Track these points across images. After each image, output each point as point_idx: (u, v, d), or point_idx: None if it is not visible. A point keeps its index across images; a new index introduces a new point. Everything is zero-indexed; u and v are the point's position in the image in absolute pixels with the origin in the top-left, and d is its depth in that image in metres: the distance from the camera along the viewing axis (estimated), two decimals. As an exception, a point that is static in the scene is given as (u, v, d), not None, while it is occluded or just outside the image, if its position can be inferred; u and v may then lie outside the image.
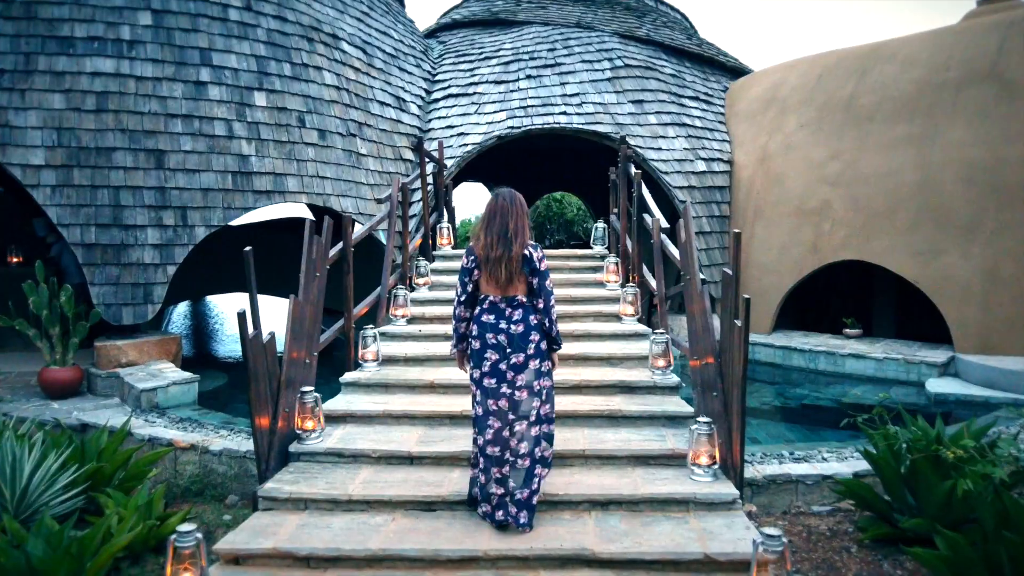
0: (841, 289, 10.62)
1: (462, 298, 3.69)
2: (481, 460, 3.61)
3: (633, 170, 6.66)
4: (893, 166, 8.80)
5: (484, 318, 3.61)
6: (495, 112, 10.23)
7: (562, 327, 5.91)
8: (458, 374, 5.09)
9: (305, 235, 4.65)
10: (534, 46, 11.23)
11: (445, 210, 8.97)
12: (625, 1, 13.07)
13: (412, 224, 9.19)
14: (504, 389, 3.56)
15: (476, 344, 3.63)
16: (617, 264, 6.84)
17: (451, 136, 10.11)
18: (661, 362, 5.03)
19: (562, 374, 5.10)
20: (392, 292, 6.26)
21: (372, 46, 10.42)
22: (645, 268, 6.43)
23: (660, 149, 9.95)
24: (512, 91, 10.50)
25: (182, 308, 17.72)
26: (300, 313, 4.54)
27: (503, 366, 3.56)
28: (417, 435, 4.48)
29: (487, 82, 10.78)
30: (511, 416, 3.55)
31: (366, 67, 10.11)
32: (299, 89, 9.05)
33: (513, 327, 3.56)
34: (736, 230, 3.86)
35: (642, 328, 5.86)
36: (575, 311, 6.29)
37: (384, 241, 8.83)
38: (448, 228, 8.32)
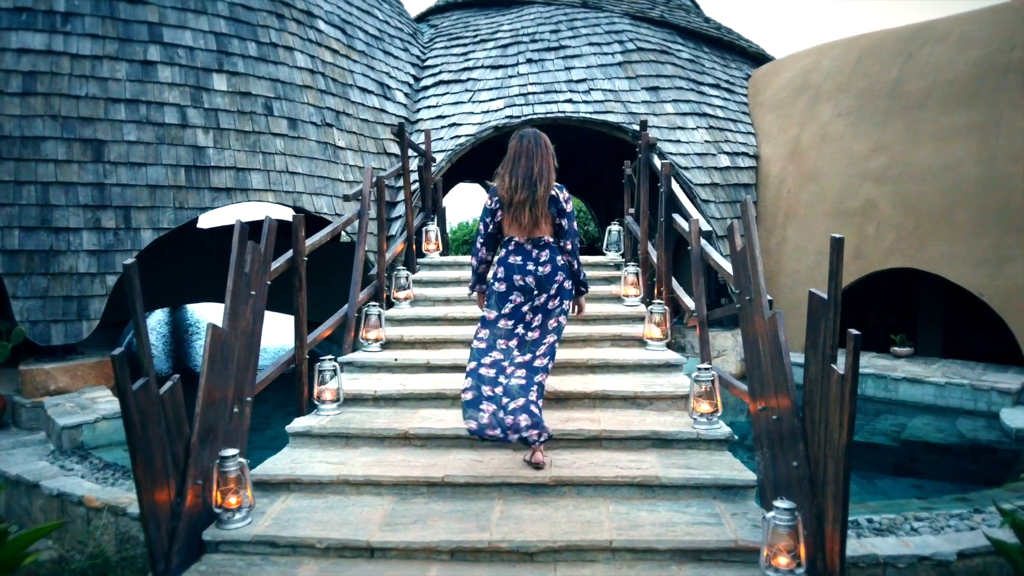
0: (881, 300, 9.44)
1: (483, 239, 3.68)
2: (470, 379, 3.54)
3: (658, 161, 5.50)
4: (950, 160, 7.64)
5: (511, 260, 3.60)
6: (491, 100, 9.05)
7: (573, 354, 4.77)
8: (440, 423, 3.93)
9: (234, 239, 3.47)
10: (535, 27, 10.05)
11: (433, 211, 7.79)
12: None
13: (397, 227, 8.03)
14: (519, 330, 3.60)
15: (501, 287, 3.61)
16: (638, 275, 5.67)
17: (441, 127, 8.93)
18: (706, 406, 3.85)
19: (577, 421, 3.94)
20: (363, 310, 5.07)
21: (353, 26, 9.25)
22: (675, 281, 5.25)
23: (679, 142, 8.78)
24: (511, 77, 9.33)
25: (159, 316, 16.55)
26: (224, 344, 3.35)
27: (525, 308, 3.59)
28: (382, 512, 3.29)
29: (482, 67, 9.60)
30: (515, 353, 3.57)
31: (345, 49, 8.94)
32: (266, 72, 7.88)
33: (541, 268, 3.57)
34: (837, 235, 2.69)
35: (674, 356, 4.68)
36: (588, 333, 5.10)
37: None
38: (436, 231, 7.12)
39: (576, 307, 3.90)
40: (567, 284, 3.64)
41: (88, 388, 6.63)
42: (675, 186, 5.08)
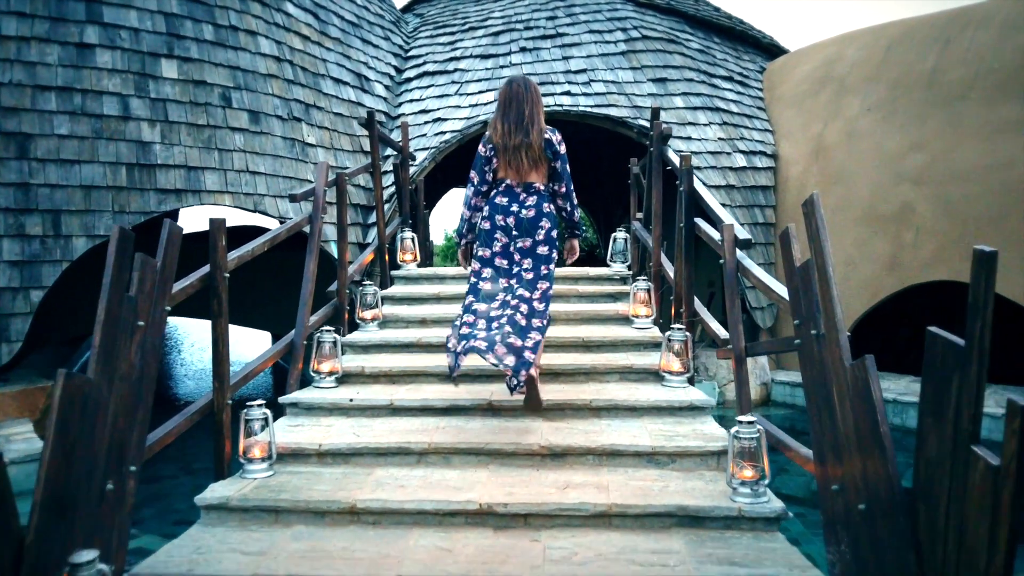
0: (913, 315, 8.51)
1: (482, 188, 3.64)
2: (466, 315, 3.50)
3: (674, 155, 4.59)
4: (1000, 158, 6.73)
5: (498, 200, 3.60)
6: (480, 92, 8.15)
7: (572, 392, 3.84)
8: (399, 491, 2.98)
9: (110, 251, 2.52)
10: (530, 14, 9.15)
11: (412, 215, 6.85)
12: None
13: (373, 235, 7.09)
14: (514, 269, 3.57)
15: (486, 225, 3.61)
16: (650, 292, 4.73)
17: (425, 122, 8.02)
18: (749, 471, 2.91)
19: (578, 489, 2.99)
20: (316, 337, 4.12)
21: (326, 10, 8.34)
22: (697, 301, 4.32)
23: (690, 139, 7.87)
24: (502, 67, 8.42)
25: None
26: (88, 398, 2.41)
27: (512, 248, 3.57)
28: (307, 634, 2.35)
29: (471, 57, 8.70)
30: (517, 287, 3.53)
31: (317, 35, 8.02)
32: (224, 58, 6.97)
33: (524, 211, 3.55)
34: (984, 247, 1.78)
35: (699, 397, 3.74)
36: (592, 363, 4.17)
37: (333, 253, 6.74)
38: (413, 239, 6.18)
39: (568, 251, 3.87)
40: (553, 233, 3.59)
41: (8, 422, 5.70)
42: (697, 183, 4.15)
